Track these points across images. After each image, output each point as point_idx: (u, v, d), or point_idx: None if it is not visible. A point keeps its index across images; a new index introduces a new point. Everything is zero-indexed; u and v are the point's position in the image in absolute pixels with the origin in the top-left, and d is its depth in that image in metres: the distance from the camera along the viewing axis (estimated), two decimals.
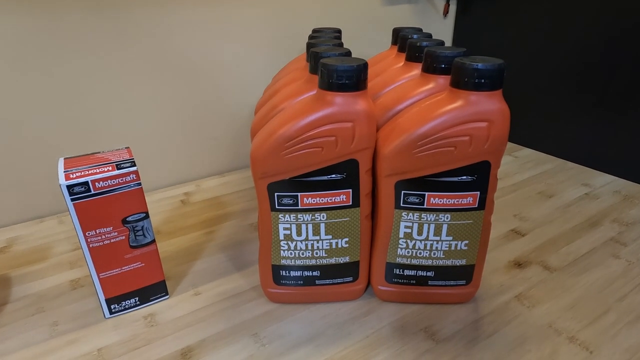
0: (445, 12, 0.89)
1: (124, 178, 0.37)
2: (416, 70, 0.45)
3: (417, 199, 0.38)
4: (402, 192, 0.37)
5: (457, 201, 0.37)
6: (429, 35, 0.53)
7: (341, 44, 0.47)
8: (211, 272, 0.48)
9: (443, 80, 0.40)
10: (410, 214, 0.38)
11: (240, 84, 0.70)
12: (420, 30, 0.56)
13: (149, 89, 0.62)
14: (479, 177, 0.36)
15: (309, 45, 0.46)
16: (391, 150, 0.36)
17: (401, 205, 0.38)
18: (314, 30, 0.58)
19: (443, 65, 0.40)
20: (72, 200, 0.35)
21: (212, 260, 0.50)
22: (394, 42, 0.58)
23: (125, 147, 0.41)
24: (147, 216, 0.39)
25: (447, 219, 0.38)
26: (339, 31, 0.58)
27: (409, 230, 0.39)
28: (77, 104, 0.58)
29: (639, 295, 0.43)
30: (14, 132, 0.55)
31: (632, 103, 0.66)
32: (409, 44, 0.46)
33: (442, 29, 0.91)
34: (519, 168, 0.73)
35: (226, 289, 0.45)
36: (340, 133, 0.35)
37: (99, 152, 0.40)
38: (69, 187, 0.35)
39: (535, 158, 0.77)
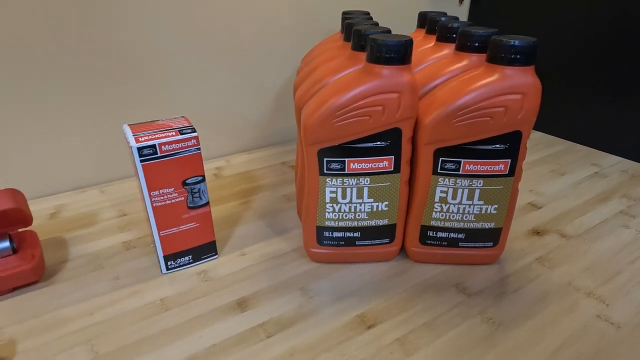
0: (461, 0, 0.92)
1: (186, 143, 0.40)
2: (447, 49, 0.49)
3: (454, 165, 0.41)
4: (440, 159, 0.41)
5: (490, 168, 0.41)
6: (456, 18, 0.56)
7: (377, 24, 0.50)
8: (253, 236, 0.51)
9: (476, 57, 0.43)
10: (447, 180, 0.42)
11: (267, 65, 0.73)
12: (445, 14, 0.59)
13: (183, 68, 0.65)
14: (510, 145, 0.40)
15: (349, 25, 0.49)
16: (432, 120, 0.40)
17: (438, 171, 0.42)
18: (345, 12, 0.61)
19: (477, 44, 0.43)
20: (141, 161, 0.39)
21: (251, 226, 0.53)
22: (420, 26, 0.61)
23: (182, 116, 0.44)
24: (203, 179, 0.42)
25: (479, 184, 0.42)
26: (368, 13, 0.61)
27: (444, 195, 0.43)
28: (112, 79, 0.61)
29: None
30: (54, 102, 0.58)
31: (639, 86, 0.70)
32: (441, 26, 0.49)
33: (458, 16, 0.94)
34: (530, 149, 0.76)
35: (269, 251, 0.49)
36: (387, 103, 0.38)
37: (158, 120, 0.43)
38: (139, 149, 0.38)
39: (545, 140, 0.80)
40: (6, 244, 0.42)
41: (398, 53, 0.37)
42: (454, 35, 0.49)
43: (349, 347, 0.36)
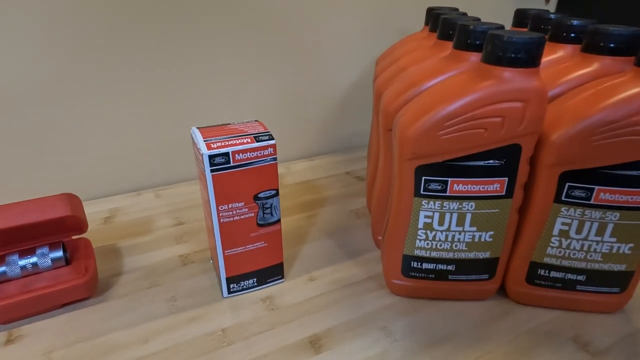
0: None
1: (262, 152, 0.35)
2: (562, 51, 0.41)
3: (584, 193, 0.33)
4: (567, 184, 0.33)
5: (631, 198, 0.33)
6: (568, 16, 0.48)
7: (479, 20, 0.43)
8: (322, 258, 0.45)
9: (611, 61, 0.35)
10: (572, 210, 0.34)
11: (333, 66, 0.67)
12: (548, 11, 0.51)
13: (245, 67, 0.61)
14: None
15: (446, 21, 0.42)
16: (562, 136, 0.32)
17: (562, 199, 0.34)
18: (432, 9, 0.54)
19: (612, 45, 0.35)
20: (212, 171, 0.33)
21: (319, 245, 0.47)
22: (517, 24, 0.54)
23: (254, 120, 0.39)
24: (277, 194, 0.37)
25: (615, 217, 0.34)
26: (457, 9, 0.54)
27: (566, 228, 0.35)
28: (172, 78, 0.57)
29: None
30: (110, 100, 0.55)
31: None
32: (556, 23, 0.42)
33: None
34: None
35: (341, 277, 0.43)
36: (509, 113, 0.31)
37: (230, 123, 0.38)
38: (210, 157, 0.33)
39: None
40: (59, 253, 0.38)
41: (528, 53, 0.30)
42: (573, 35, 0.41)
43: None
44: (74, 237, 0.42)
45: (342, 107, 0.71)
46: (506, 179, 0.34)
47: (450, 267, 0.38)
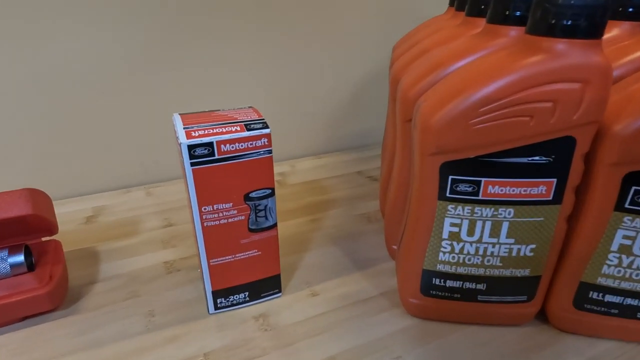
0: None
1: (254, 142, 0.29)
2: (617, 29, 0.34)
3: None
4: (633, 188, 0.27)
5: None
6: None
7: None
8: (326, 268, 0.39)
9: None
10: (637, 220, 0.27)
11: (344, 56, 0.61)
12: None
13: (244, 55, 0.55)
14: None
15: None
16: (626, 127, 0.25)
17: (626, 206, 0.27)
18: None
19: None
20: (192, 164, 0.28)
21: (323, 253, 0.41)
22: None
23: (249, 106, 0.33)
24: (272, 193, 0.31)
25: None
26: None
27: (628, 242, 0.28)
28: (163, 64, 0.52)
29: None
30: (102, 96, 0.50)
31: None
32: None
33: None
34: None
35: (348, 292, 0.36)
36: (563, 97, 0.25)
37: (218, 110, 0.32)
38: (190, 147, 0.27)
39: None
40: (20, 258, 0.33)
41: (590, 19, 0.24)
42: (631, 10, 0.34)
43: None
44: (43, 240, 0.37)
45: (354, 100, 0.64)
46: (555, 180, 0.27)
47: (480, 286, 0.31)
